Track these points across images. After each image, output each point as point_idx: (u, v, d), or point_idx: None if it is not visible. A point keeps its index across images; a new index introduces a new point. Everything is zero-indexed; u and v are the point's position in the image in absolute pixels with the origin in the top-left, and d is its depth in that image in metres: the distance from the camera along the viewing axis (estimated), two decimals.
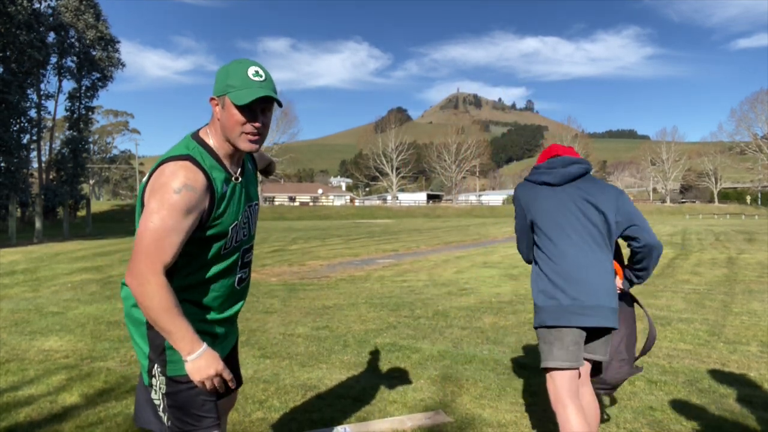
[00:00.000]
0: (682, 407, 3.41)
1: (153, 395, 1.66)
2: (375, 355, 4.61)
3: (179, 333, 1.52)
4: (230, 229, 1.69)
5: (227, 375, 1.59)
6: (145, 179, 1.64)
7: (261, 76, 1.61)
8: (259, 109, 1.63)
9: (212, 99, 1.66)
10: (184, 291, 1.64)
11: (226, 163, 1.69)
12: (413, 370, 4.19)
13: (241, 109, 1.59)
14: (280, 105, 1.67)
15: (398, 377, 4.01)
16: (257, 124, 1.63)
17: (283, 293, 7.84)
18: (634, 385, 3.81)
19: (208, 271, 1.69)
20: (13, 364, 4.35)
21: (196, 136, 1.69)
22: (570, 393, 2.29)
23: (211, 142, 1.68)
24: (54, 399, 3.54)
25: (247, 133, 1.63)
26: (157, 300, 1.49)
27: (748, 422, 3.17)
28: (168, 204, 1.51)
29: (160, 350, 1.63)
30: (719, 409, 3.39)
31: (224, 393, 1.71)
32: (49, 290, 8.12)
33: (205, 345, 1.57)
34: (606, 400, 3.51)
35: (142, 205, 1.60)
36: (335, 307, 6.76)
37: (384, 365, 4.32)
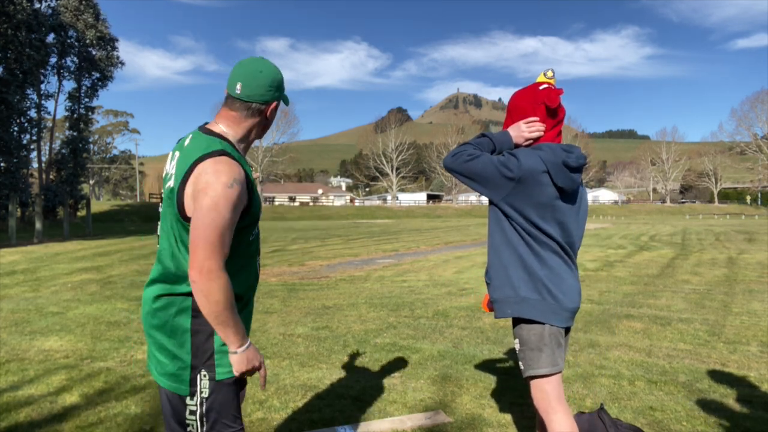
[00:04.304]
0: (682, 407, 3.41)
1: (189, 401, 1.64)
2: (375, 355, 4.62)
3: (236, 326, 1.58)
4: (259, 213, 1.73)
5: (263, 365, 1.70)
6: (175, 183, 1.59)
7: None
8: None
9: (269, 103, 1.72)
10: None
11: (244, 154, 1.77)
12: (413, 370, 4.19)
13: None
14: None
15: (398, 377, 4.01)
16: None
17: (283, 293, 7.84)
18: (634, 385, 3.81)
19: (244, 259, 1.71)
20: (13, 364, 4.35)
21: (211, 132, 1.68)
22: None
23: (229, 136, 1.70)
24: (54, 399, 3.54)
25: None
26: (226, 294, 1.52)
27: (748, 422, 3.16)
28: (224, 198, 1.52)
29: (207, 356, 1.62)
30: (719, 409, 3.39)
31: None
32: (49, 290, 8.12)
33: (248, 338, 1.66)
34: (606, 399, 3.51)
35: (180, 207, 1.57)
36: (335, 307, 6.76)
37: (384, 365, 4.32)
